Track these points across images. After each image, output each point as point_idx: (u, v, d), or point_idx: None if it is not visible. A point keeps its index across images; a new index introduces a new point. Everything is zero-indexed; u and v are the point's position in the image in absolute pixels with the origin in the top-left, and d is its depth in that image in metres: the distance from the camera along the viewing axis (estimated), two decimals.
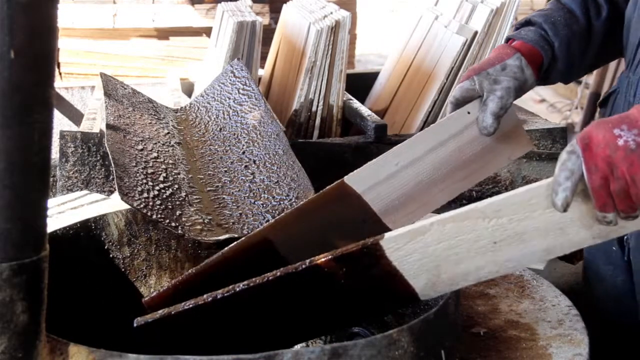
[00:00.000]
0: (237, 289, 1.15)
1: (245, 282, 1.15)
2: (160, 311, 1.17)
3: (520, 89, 1.41)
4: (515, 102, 1.42)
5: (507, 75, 1.39)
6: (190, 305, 1.16)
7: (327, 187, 1.35)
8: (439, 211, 1.28)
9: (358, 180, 1.35)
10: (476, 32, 2.34)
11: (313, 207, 1.34)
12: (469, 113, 1.39)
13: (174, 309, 1.16)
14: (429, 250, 1.14)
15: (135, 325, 1.17)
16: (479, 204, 1.13)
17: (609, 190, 1.07)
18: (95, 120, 2.29)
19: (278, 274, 1.15)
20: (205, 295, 1.16)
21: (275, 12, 3.65)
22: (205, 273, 1.28)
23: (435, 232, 1.13)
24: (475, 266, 1.15)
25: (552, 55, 1.47)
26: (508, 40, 1.49)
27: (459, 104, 1.40)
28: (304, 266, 1.15)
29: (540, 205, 1.12)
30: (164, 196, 1.45)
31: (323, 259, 1.15)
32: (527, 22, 1.51)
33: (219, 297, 1.15)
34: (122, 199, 1.34)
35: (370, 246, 1.14)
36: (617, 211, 1.08)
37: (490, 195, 1.41)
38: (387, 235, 1.15)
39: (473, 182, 1.42)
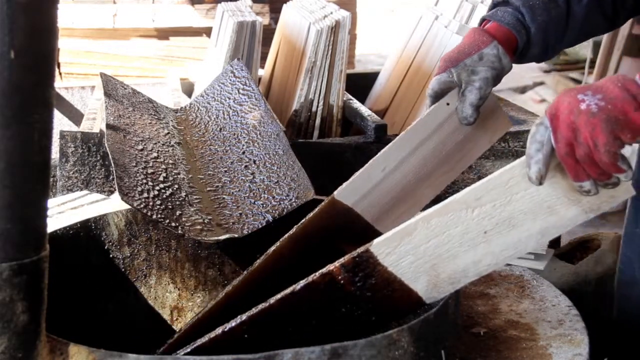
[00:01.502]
0: (244, 318, 1.15)
1: (249, 312, 1.15)
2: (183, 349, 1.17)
3: (498, 77, 1.39)
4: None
5: (485, 65, 1.37)
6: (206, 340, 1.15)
7: (320, 205, 1.35)
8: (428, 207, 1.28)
9: (347, 193, 1.35)
10: None
11: (308, 229, 1.34)
12: (447, 104, 1.38)
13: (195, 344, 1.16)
14: (420, 250, 1.13)
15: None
16: (457, 194, 1.12)
17: (576, 157, 1.06)
18: (95, 120, 2.29)
19: (279, 297, 1.15)
20: (220, 328, 1.15)
21: (275, 12, 3.65)
22: (208, 317, 1.29)
23: (422, 230, 1.13)
24: (472, 260, 1.14)
25: (527, 40, 1.44)
26: (483, 20, 1.45)
27: (437, 96, 1.39)
28: (299, 286, 1.15)
29: (519, 187, 1.10)
30: (164, 196, 1.45)
31: (318, 276, 1.15)
32: (505, 2, 1.46)
33: (227, 329, 1.15)
34: (122, 199, 1.34)
35: (361, 255, 1.14)
36: (592, 179, 1.07)
37: None
38: (375, 241, 1.14)
39: (458, 172, 1.41)
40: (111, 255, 1.52)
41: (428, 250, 1.13)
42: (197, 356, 1.06)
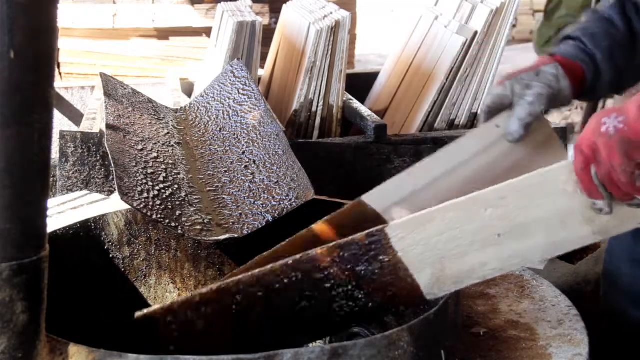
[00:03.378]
0: (241, 278, 1.15)
1: (247, 274, 1.15)
2: (159, 306, 1.16)
3: (554, 99, 1.32)
4: None
5: (541, 81, 1.31)
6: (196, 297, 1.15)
7: (344, 207, 1.32)
8: None
9: (377, 199, 1.30)
10: (476, 32, 2.34)
11: (327, 228, 1.33)
12: (497, 127, 1.30)
13: (176, 302, 1.15)
14: (431, 242, 1.14)
15: (135, 318, 1.16)
16: (482, 192, 1.13)
17: (591, 175, 1.09)
18: (95, 120, 2.29)
19: (282, 262, 1.15)
20: (209, 287, 1.15)
21: (275, 12, 3.65)
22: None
23: (439, 221, 1.14)
24: (480, 262, 1.15)
25: (595, 69, 1.39)
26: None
27: (491, 112, 1.33)
28: (306, 257, 1.15)
29: (541, 192, 1.12)
30: (164, 196, 1.45)
31: (325, 249, 1.15)
32: (566, 37, 1.42)
33: (222, 286, 1.14)
34: (122, 199, 1.34)
35: (375, 233, 1.15)
36: (611, 198, 1.09)
37: None
38: (392, 222, 1.15)
39: None
40: (111, 255, 1.52)
41: (439, 243, 1.14)
42: (197, 356, 1.06)
